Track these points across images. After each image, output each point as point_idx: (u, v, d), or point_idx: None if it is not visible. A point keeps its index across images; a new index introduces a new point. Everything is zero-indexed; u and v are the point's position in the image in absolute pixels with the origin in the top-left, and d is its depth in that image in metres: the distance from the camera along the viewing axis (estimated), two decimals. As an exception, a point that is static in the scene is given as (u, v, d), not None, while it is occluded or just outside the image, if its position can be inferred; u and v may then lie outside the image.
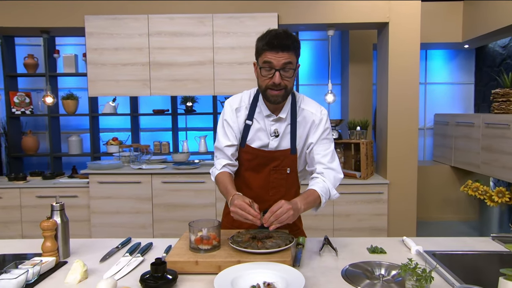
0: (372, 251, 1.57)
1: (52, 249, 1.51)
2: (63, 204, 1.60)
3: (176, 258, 1.38)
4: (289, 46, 1.48)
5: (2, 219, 3.86)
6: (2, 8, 3.80)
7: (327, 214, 3.69)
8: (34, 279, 1.35)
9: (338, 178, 1.64)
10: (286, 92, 1.56)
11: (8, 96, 4.82)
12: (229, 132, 1.67)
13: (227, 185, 1.57)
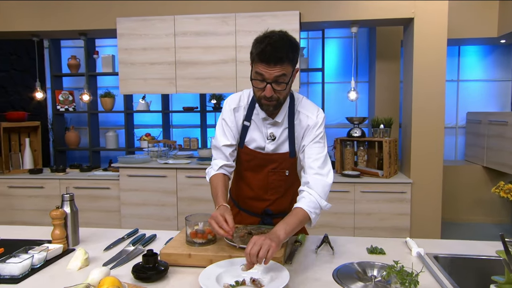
0: (371, 251, 1.50)
1: (61, 237, 1.56)
2: (72, 195, 1.64)
3: (170, 250, 1.39)
4: (282, 58, 1.36)
5: (43, 207, 4.08)
6: (44, 13, 3.99)
7: (347, 212, 3.58)
8: (40, 264, 1.40)
9: (327, 185, 1.50)
10: (278, 102, 1.47)
11: (54, 95, 5.08)
12: (227, 131, 1.61)
13: (218, 192, 1.51)
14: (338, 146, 3.78)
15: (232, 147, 1.62)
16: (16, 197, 4.09)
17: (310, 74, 5.01)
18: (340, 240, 1.64)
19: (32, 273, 1.35)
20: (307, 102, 1.62)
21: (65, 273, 1.35)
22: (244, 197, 1.73)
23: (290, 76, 1.44)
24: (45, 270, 1.38)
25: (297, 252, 1.50)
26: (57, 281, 1.29)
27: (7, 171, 4.27)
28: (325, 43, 4.73)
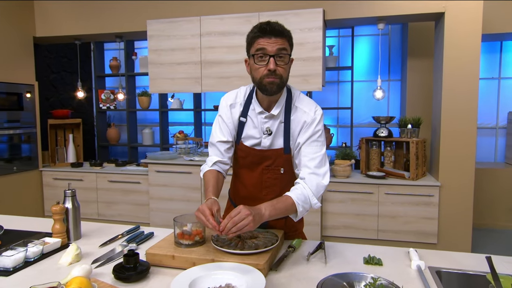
0: (367, 261, 1.35)
1: (61, 231, 1.55)
2: (74, 191, 1.64)
3: (156, 251, 1.33)
4: (283, 32, 1.36)
5: (82, 199, 4.23)
6: (84, 18, 4.12)
7: (370, 214, 3.37)
8: (36, 258, 1.40)
9: (321, 186, 1.42)
10: (282, 82, 1.39)
11: (97, 94, 5.27)
12: (223, 128, 1.55)
13: (209, 187, 1.45)
14: (364, 146, 3.56)
15: (228, 144, 1.55)
16: (59, 188, 4.28)
17: (340, 73, 4.79)
18: (338, 248, 1.50)
19: (25, 266, 1.34)
20: (305, 98, 1.52)
21: (55, 268, 1.33)
22: (240, 197, 1.63)
23: (290, 54, 1.40)
24: (38, 264, 1.37)
25: (287, 258, 1.37)
26: (44, 275, 1.27)
27: (52, 164, 4.48)
28: (358, 41, 4.51)
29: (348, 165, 3.43)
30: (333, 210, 3.47)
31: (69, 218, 1.60)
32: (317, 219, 3.45)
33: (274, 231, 1.48)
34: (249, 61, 1.44)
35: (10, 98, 3.99)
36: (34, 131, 4.29)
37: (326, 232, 3.51)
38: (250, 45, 1.41)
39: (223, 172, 1.58)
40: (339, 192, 3.44)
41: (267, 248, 1.29)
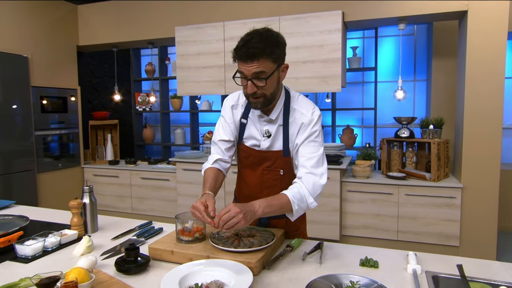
0: (363, 263, 1.29)
1: (78, 224, 1.62)
2: (91, 187, 1.69)
3: (158, 246, 1.35)
4: (256, 54, 1.25)
5: (118, 194, 4.40)
6: (119, 27, 4.29)
7: (390, 215, 3.24)
8: (54, 248, 1.47)
9: (318, 185, 1.37)
10: (266, 99, 1.35)
11: (134, 97, 5.47)
12: (225, 127, 1.55)
13: (206, 183, 1.45)
14: (384, 146, 3.43)
15: (229, 143, 1.55)
16: (99, 183, 4.48)
17: (365, 74, 4.65)
18: (337, 248, 1.45)
19: (44, 255, 1.41)
20: (303, 100, 1.48)
21: (68, 258, 1.39)
22: (243, 195, 1.63)
23: (272, 72, 1.31)
24: (55, 253, 1.44)
25: (284, 258, 1.35)
26: (59, 264, 1.33)
27: (93, 162, 4.70)
28: (384, 41, 4.35)
29: (367, 166, 3.32)
30: (352, 210, 3.38)
31: (87, 212, 1.66)
32: (336, 219, 3.37)
33: (273, 230, 1.46)
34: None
35: (57, 101, 4.23)
36: (77, 131, 4.52)
37: (345, 232, 3.42)
38: (233, 61, 1.36)
39: (223, 170, 1.57)
40: (359, 192, 3.34)
41: (261, 247, 1.28)
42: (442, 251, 3.10)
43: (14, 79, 3.71)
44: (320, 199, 1.43)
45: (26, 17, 3.86)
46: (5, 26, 3.66)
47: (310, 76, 3.39)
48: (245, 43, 1.27)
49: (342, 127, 4.50)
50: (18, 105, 3.75)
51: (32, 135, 3.91)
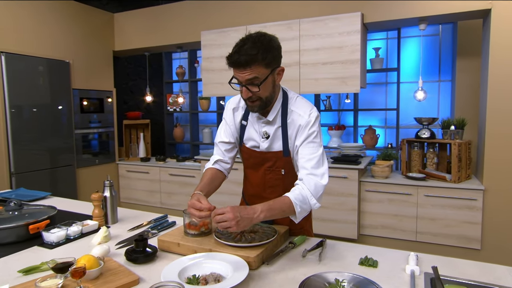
0: (362, 262, 1.26)
1: (99, 215, 1.69)
2: (112, 182, 1.77)
3: (166, 238, 1.39)
4: (249, 61, 1.24)
5: (148, 189, 4.55)
6: (150, 32, 4.43)
7: (409, 216, 3.13)
8: (76, 236, 1.55)
9: (320, 186, 1.34)
10: (263, 102, 1.35)
11: (165, 98, 5.62)
12: (226, 129, 1.56)
13: (200, 183, 1.47)
14: (404, 147, 3.31)
15: (229, 145, 1.56)
16: (131, 179, 4.65)
17: (389, 74, 4.50)
18: (340, 247, 1.42)
19: (66, 242, 1.50)
20: (301, 101, 1.46)
21: (87, 246, 1.46)
22: (249, 194, 1.64)
23: (266, 77, 1.30)
24: (77, 241, 1.51)
25: (284, 254, 1.34)
26: (78, 251, 1.39)
27: (126, 158, 4.88)
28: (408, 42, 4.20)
29: (386, 166, 3.22)
30: (371, 210, 3.29)
31: (107, 204, 1.73)
32: (354, 218, 3.30)
33: (277, 227, 1.46)
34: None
35: (95, 102, 4.44)
36: (113, 130, 4.72)
37: (363, 231, 3.34)
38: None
39: (224, 171, 1.58)
40: (377, 192, 3.25)
41: (261, 243, 1.28)
42: (462, 253, 2.96)
43: (58, 83, 3.94)
44: (323, 199, 1.41)
45: (68, 26, 4.07)
46: (50, 35, 3.88)
47: (330, 77, 3.34)
48: (238, 49, 1.26)
49: (364, 128, 4.39)
50: (62, 106, 3.97)
51: (72, 133, 4.13)
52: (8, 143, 3.50)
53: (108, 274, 1.16)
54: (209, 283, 1.09)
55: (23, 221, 1.55)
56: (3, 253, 1.40)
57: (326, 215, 3.39)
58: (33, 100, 3.68)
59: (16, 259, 1.35)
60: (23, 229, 1.50)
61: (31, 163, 3.70)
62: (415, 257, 1.25)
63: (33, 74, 3.69)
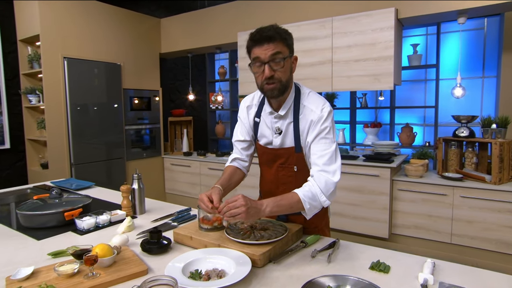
0: (372, 267, 1.15)
1: (127, 206, 1.73)
2: (140, 175, 1.79)
3: (180, 231, 1.37)
4: (273, 36, 1.22)
5: (190, 181, 4.65)
6: (192, 35, 4.49)
7: (443, 217, 2.86)
8: (105, 224, 1.59)
9: (331, 183, 1.24)
10: (282, 85, 1.27)
11: (208, 96, 5.70)
12: (241, 128, 1.50)
13: (221, 178, 1.43)
14: (441, 146, 3.03)
15: (245, 143, 1.50)
16: (175, 172, 4.78)
17: (428, 71, 4.16)
18: (353, 248, 1.31)
19: (96, 229, 1.54)
20: (314, 96, 1.36)
21: (113, 234, 1.48)
22: (263, 191, 1.58)
23: (287, 56, 1.25)
24: (105, 229, 1.55)
25: (294, 253, 1.26)
26: (104, 238, 1.43)
27: (171, 152, 5.03)
28: (450, 37, 3.85)
29: (420, 165, 2.97)
30: (403, 209, 3.06)
31: (135, 196, 1.76)
32: (385, 217, 3.09)
33: (290, 225, 1.38)
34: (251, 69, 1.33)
35: (143, 101, 4.62)
36: (158, 126, 4.87)
37: (395, 230, 3.12)
38: (249, 54, 1.31)
39: (242, 168, 1.53)
40: (410, 192, 3.01)
41: (269, 241, 1.21)
42: (502, 259, 2.64)
43: (111, 83, 4.14)
44: (335, 197, 1.30)
45: (120, 32, 4.26)
46: (104, 41, 4.09)
47: (362, 74, 3.14)
48: (260, 29, 1.25)
49: (401, 125, 4.10)
50: (114, 104, 4.18)
51: (123, 129, 4.33)
52: (69, 137, 3.75)
53: (121, 263, 1.16)
54: (211, 279, 1.05)
55: (61, 208, 1.62)
56: (43, 236, 1.47)
57: (357, 213, 3.21)
58: (89, 99, 3.91)
59: (51, 242, 1.41)
60: (60, 215, 1.57)
61: (88, 155, 3.94)
62: (431, 264, 1.11)
63: (89, 76, 3.91)
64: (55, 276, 1.08)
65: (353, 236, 3.33)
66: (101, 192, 2.23)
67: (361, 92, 4.20)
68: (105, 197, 2.10)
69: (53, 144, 3.63)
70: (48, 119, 3.58)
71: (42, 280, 1.06)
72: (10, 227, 1.60)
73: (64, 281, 1.05)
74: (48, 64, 3.56)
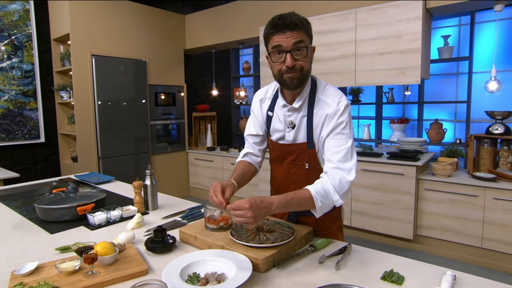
0: (384, 277, 1.03)
1: (139, 202, 1.71)
2: (152, 171, 1.76)
3: (186, 230, 1.32)
4: (297, 24, 1.13)
5: (213, 176, 4.64)
6: (216, 31, 4.44)
7: (473, 219, 2.64)
8: (116, 220, 1.57)
9: (345, 181, 1.14)
10: (303, 74, 1.18)
11: (232, 92, 5.66)
12: (253, 122, 1.42)
13: (233, 174, 1.35)
14: (472, 143, 2.79)
15: (257, 137, 1.42)
16: (199, 166, 4.80)
17: (460, 64, 3.86)
18: (365, 254, 1.20)
19: (107, 224, 1.53)
20: (330, 89, 1.26)
21: (121, 230, 1.46)
22: (274, 188, 1.50)
23: (308, 45, 1.18)
24: (116, 225, 1.53)
25: (301, 258, 1.17)
26: (114, 234, 1.40)
27: (195, 147, 5.05)
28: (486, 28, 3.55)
29: (448, 164, 2.75)
30: (429, 209, 2.86)
31: (148, 192, 1.74)
32: (410, 217, 2.90)
33: (300, 227, 1.29)
34: (268, 59, 1.24)
35: (168, 96, 4.65)
36: (183, 121, 4.90)
37: (420, 232, 2.93)
38: (266, 42, 1.22)
39: (254, 164, 1.45)
40: (437, 192, 2.81)
41: (273, 245, 1.13)
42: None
43: (137, 79, 4.20)
44: (348, 196, 1.20)
45: (145, 29, 4.30)
46: (130, 38, 4.14)
47: (387, 68, 2.95)
48: (281, 16, 1.15)
49: (430, 121, 3.85)
50: (140, 100, 4.23)
51: (148, 124, 4.39)
52: (97, 132, 3.84)
53: (122, 262, 1.13)
54: (210, 283, 0.98)
55: (75, 203, 1.63)
56: (56, 230, 1.48)
57: (380, 212, 3.05)
58: (115, 95, 3.98)
59: (63, 236, 1.41)
60: (73, 210, 1.57)
61: (115, 149, 4.02)
62: (451, 277, 0.98)
63: (116, 73, 3.97)
64: (56, 273, 1.06)
65: (376, 236, 3.17)
66: (119, 187, 2.24)
67: (388, 87, 3.98)
68: (122, 191, 2.11)
69: (81, 138, 3.73)
70: (77, 115, 3.68)
71: (44, 276, 1.05)
72: (29, 219, 1.63)
73: (64, 278, 1.03)
74: (77, 62, 3.64)
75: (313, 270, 1.09)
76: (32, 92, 3.77)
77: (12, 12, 3.59)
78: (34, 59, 3.76)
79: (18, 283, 1.00)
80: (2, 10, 3.52)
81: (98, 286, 1.01)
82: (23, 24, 3.67)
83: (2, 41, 3.54)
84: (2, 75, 3.55)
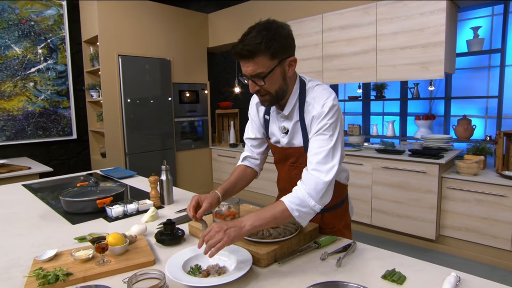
0: (385, 276, 1.02)
1: (155, 196, 1.77)
2: (168, 167, 1.82)
3: (195, 223, 1.37)
4: (251, 52, 1.06)
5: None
6: (236, 28, 4.47)
7: (502, 221, 2.50)
8: (133, 213, 1.65)
9: (320, 183, 1.09)
10: (272, 97, 1.16)
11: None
12: (251, 125, 1.42)
13: (226, 181, 1.37)
14: (501, 140, 2.64)
15: (255, 141, 1.42)
16: (221, 162, 4.88)
17: (492, 57, 3.63)
18: (369, 252, 1.18)
19: (124, 217, 1.60)
20: (318, 91, 1.20)
21: (135, 223, 1.53)
22: (280, 189, 1.50)
23: (271, 69, 1.10)
24: (132, 218, 1.61)
25: (303, 254, 1.17)
26: (129, 226, 1.47)
27: (218, 144, 5.13)
28: None
29: (474, 162, 2.62)
30: (453, 209, 2.74)
31: (163, 187, 1.80)
32: (432, 217, 2.80)
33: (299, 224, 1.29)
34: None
35: (191, 94, 4.75)
36: (206, 118, 4.99)
37: (444, 232, 2.82)
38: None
39: (254, 167, 1.45)
40: (462, 191, 2.68)
41: (275, 240, 1.14)
42: None
43: (161, 78, 4.33)
44: (329, 198, 1.12)
45: (169, 29, 4.41)
46: (155, 38, 4.27)
47: (409, 62, 2.84)
48: (242, 39, 1.09)
49: (458, 118, 3.66)
50: (165, 97, 4.36)
51: (172, 121, 4.51)
52: (124, 129, 4.01)
53: (132, 252, 1.18)
54: (211, 275, 1.01)
55: (96, 196, 1.72)
56: (78, 221, 1.57)
57: (401, 211, 2.96)
58: (141, 93, 4.12)
59: (83, 227, 1.50)
60: (93, 202, 1.66)
61: (140, 145, 4.18)
62: (454, 279, 0.95)
63: (141, 72, 4.12)
64: (72, 260, 1.13)
65: (397, 235, 3.09)
66: (140, 181, 2.33)
67: (413, 82, 3.83)
68: (142, 186, 2.19)
69: (109, 135, 3.91)
70: (105, 112, 3.86)
71: (61, 262, 1.13)
72: (55, 210, 1.74)
73: (79, 265, 1.10)
74: (105, 62, 3.81)
75: (314, 267, 1.09)
76: (65, 91, 4.00)
77: (48, 17, 3.81)
78: (67, 60, 3.98)
79: (38, 268, 1.08)
80: (40, 16, 3.75)
81: (107, 274, 1.07)
82: (57, 28, 3.89)
83: (39, 44, 3.77)
84: (39, 76, 3.79)
